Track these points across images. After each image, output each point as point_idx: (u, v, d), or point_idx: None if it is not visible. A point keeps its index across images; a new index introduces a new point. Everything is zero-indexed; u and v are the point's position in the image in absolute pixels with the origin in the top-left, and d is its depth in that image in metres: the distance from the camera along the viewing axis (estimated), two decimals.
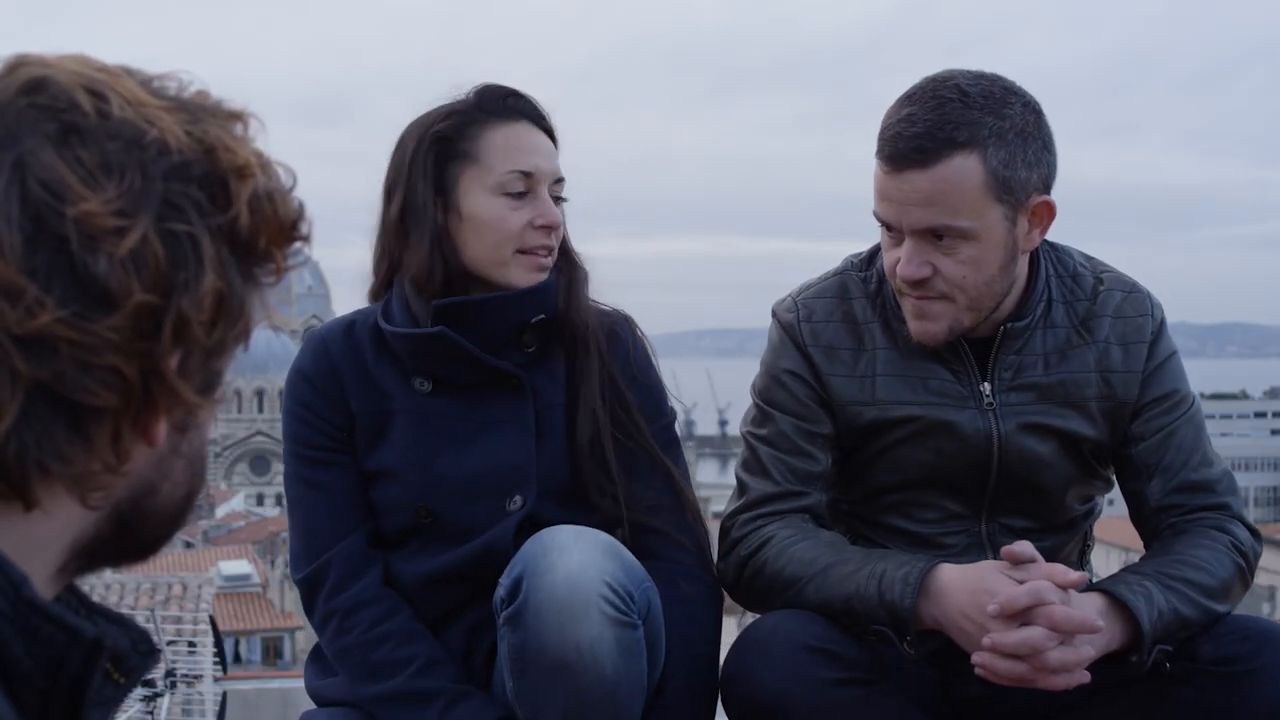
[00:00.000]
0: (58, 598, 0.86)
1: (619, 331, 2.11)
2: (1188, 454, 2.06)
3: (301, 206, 0.88)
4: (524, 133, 2.01)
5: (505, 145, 1.99)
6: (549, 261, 2.02)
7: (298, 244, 0.89)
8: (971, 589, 1.83)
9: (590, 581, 1.78)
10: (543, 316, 2.03)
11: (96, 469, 0.81)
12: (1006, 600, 1.78)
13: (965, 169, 1.87)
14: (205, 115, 0.85)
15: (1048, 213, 1.96)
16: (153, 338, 0.79)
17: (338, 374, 2.04)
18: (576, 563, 1.78)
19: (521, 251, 1.99)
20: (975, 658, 1.80)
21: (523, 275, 2.00)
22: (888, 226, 1.97)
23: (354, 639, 1.96)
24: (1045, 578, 1.80)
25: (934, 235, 1.92)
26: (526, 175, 1.99)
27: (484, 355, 1.99)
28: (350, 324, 2.09)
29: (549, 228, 2.00)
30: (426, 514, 2.00)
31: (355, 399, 2.03)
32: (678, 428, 2.18)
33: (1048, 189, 1.95)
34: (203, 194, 0.82)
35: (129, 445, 0.82)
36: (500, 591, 1.85)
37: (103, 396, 0.79)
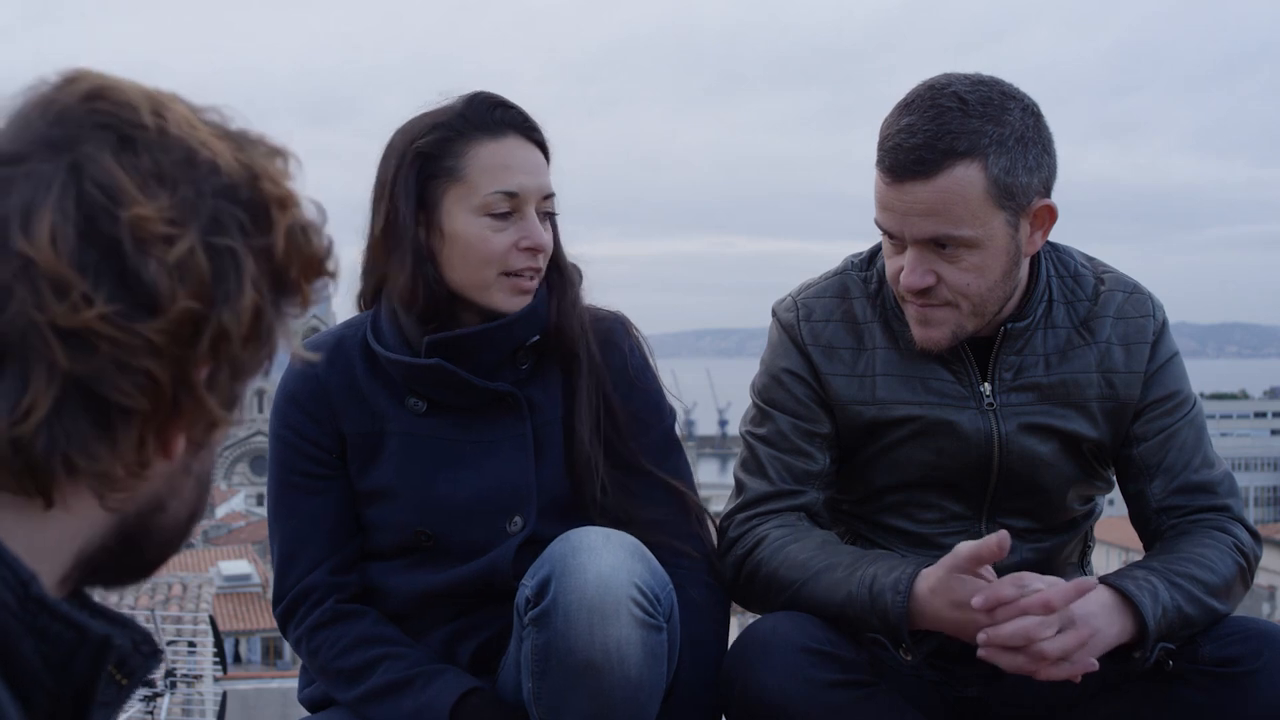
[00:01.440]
0: (62, 598, 0.86)
1: (614, 338, 2.07)
2: (1189, 455, 2.06)
3: (331, 243, 0.92)
4: (510, 149, 1.92)
5: (491, 163, 1.91)
6: (534, 284, 1.96)
7: (324, 280, 0.92)
8: (950, 600, 1.81)
9: (620, 583, 1.75)
10: (537, 338, 1.99)
11: (119, 472, 0.83)
12: (991, 594, 1.76)
13: (967, 179, 1.87)
14: (251, 146, 0.88)
15: (1049, 216, 1.96)
16: (190, 345, 0.82)
17: (327, 394, 1.99)
18: (607, 564, 1.76)
19: (506, 274, 1.93)
20: (980, 651, 1.79)
21: (505, 299, 1.94)
22: (889, 235, 1.97)
23: (324, 657, 1.96)
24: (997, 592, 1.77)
25: (937, 244, 1.91)
26: (511, 196, 1.91)
27: (480, 381, 1.95)
28: (338, 341, 2.02)
29: (534, 250, 1.93)
30: (427, 538, 1.97)
31: (347, 420, 1.99)
32: (678, 427, 2.16)
33: (1048, 192, 1.95)
34: (247, 216, 0.85)
35: (151, 452, 0.84)
36: (525, 592, 1.82)
37: (134, 398, 0.81)
